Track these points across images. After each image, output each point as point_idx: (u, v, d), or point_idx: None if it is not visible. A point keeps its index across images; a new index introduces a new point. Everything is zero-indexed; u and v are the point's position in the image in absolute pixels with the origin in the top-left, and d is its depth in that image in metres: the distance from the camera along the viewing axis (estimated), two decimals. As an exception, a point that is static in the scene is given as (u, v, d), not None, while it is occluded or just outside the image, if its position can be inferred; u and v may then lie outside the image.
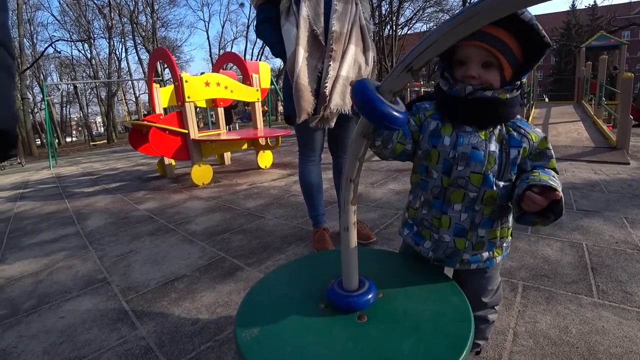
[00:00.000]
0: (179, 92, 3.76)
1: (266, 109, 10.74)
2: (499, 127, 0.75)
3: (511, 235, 0.86)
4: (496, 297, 0.95)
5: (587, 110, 7.82)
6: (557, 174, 0.76)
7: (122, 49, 26.06)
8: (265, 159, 4.64)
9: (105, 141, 18.07)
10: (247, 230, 2.33)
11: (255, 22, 1.90)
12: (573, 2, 34.21)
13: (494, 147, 0.74)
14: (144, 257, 2.03)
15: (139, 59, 24.08)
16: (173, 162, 4.60)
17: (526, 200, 0.67)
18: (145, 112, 15.07)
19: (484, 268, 0.86)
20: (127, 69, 26.05)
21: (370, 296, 0.66)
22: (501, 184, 0.75)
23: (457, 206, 0.77)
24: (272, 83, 7.21)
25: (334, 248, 1.82)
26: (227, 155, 5.29)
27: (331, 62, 1.64)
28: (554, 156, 0.78)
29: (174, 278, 1.73)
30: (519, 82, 0.74)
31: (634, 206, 2.40)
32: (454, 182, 0.76)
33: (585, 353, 1.07)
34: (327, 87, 1.64)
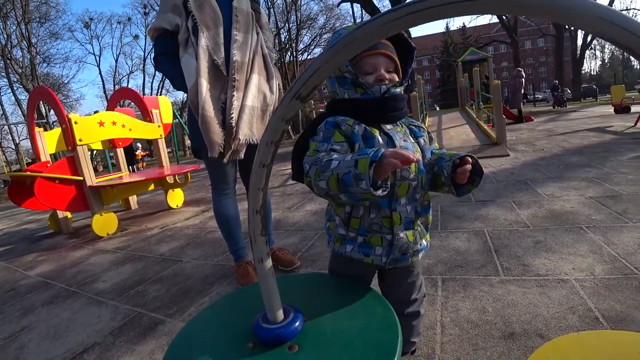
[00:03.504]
0: (68, 136, 3.34)
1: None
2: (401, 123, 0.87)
3: None
4: (422, 290, 1.01)
5: (471, 114, 9.06)
6: None
7: (-6, 88, 22.43)
8: (176, 197, 4.36)
9: (-21, 201, 15.08)
10: (163, 278, 2.12)
11: (152, 54, 1.80)
12: (447, 24, 40.16)
13: (412, 138, 0.85)
14: (42, 332, 1.70)
15: (17, 99, 20.93)
16: (69, 214, 4.02)
17: (460, 175, 0.76)
18: (29, 161, 13.09)
19: (412, 266, 0.93)
20: (1, 111, 22.33)
21: (297, 324, 0.63)
22: (425, 169, 0.85)
23: (403, 200, 0.81)
24: (175, 117, 6.87)
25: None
26: (133, 199, 4.82)
27: (235, 92, 1.62)
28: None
29: (82, 350, 1.47)
30: (406, 82, 0.87)
31: (518, 190, 2.81)
32: (400, 175, 0.79)
33: (502, 327, 1.19)
34: (233, 117, 1.61)
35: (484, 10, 0.33)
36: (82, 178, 3.43)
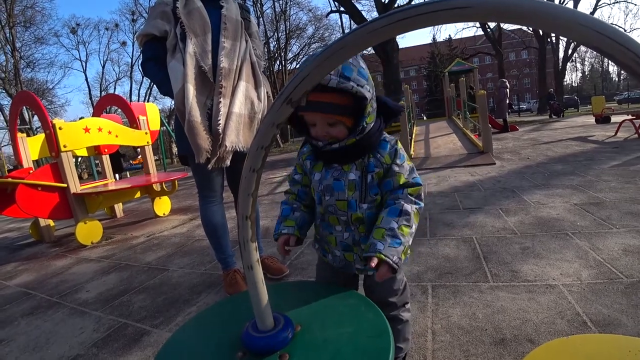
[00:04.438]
0: (51, 142, 3.27)
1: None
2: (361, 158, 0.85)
3: None
4: (404, 295, 1.00)
5: (457, 123, 9.22)
6: (412, 187, 0.84)
7: (-25, 92, 21.82)
8: (163, 205, 4.29)
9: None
10: (149, 288, 2.07)
11: (140, 60, 1.78)
12: (434, 35, 41.06)
13: (353, 175, 0.85)
14: (21, 345, 1.63)
15: (-1, 104, 20.45)
16: (51, 222, 3.91)
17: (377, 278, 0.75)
18: (11, 167, 12.74)
19: None
20: (-18, 116, 21.76)
21: (287, 333, 0.62)
22: (365, 206, 0.85)
23: (338, 227, 0.90)
24: (163, 124, 6.80)
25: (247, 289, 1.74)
26: (119, 207, 4.72)
27: (221, 99, 1.61)
28: (400, 172, 0.84)
29: (63, 363, 1.42)
30: (361, 127, 0.79)
31: (504, 198, 2.85)
32: (326, 209, 0.89)
33: (493, 332, 1.19)
34: (220, 124, 1.60)
35: (472, 18, 0.33)
36: (65, 185, 3.35)
